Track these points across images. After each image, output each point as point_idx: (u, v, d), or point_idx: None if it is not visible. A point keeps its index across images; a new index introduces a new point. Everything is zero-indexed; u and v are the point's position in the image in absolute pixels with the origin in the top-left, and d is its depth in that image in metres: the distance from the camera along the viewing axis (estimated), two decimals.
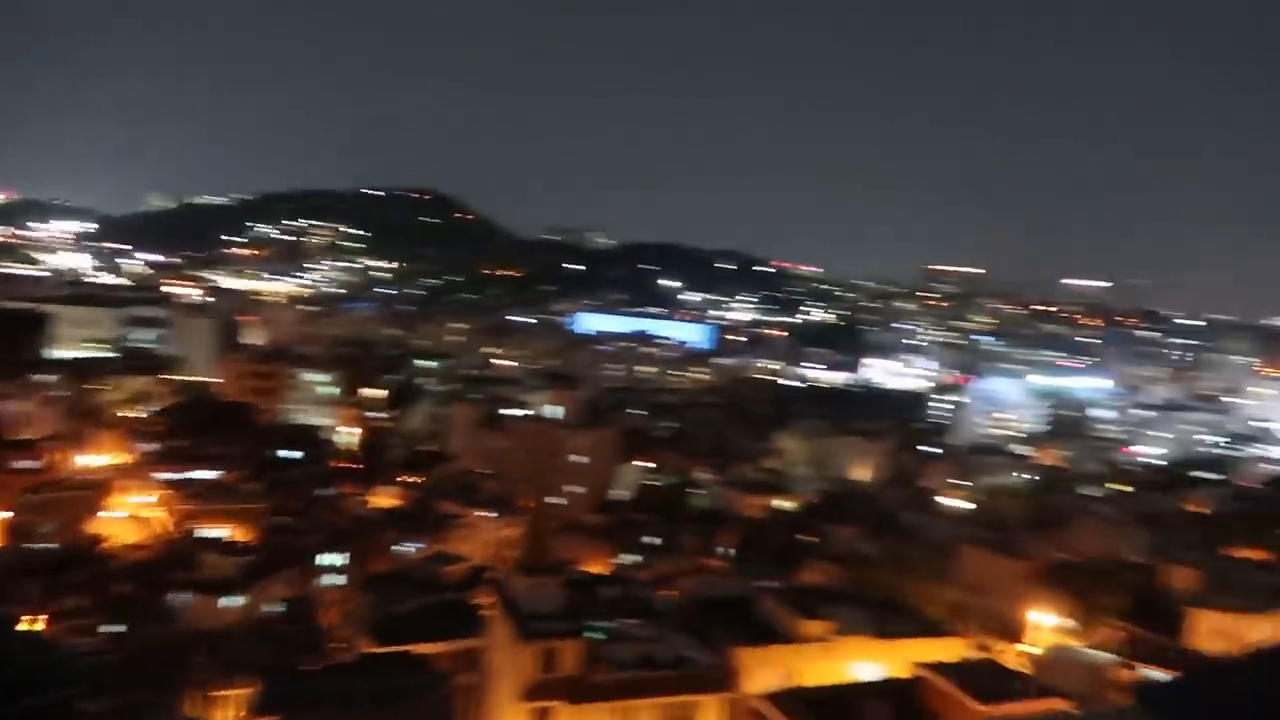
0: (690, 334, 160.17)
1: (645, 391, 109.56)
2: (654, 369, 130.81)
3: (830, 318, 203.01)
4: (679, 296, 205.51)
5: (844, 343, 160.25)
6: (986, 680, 26.66)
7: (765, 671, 28.21)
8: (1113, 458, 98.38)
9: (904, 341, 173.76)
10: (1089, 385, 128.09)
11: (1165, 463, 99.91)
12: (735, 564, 42.00)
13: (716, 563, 43.12)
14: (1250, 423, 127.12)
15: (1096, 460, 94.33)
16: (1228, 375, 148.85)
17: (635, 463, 66.11)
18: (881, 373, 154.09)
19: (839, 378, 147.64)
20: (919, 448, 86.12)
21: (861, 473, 75.93)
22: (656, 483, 61.47)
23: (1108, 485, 74.81)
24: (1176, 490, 69.05)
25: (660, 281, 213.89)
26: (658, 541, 45.89)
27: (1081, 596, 38.01)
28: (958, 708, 25.26)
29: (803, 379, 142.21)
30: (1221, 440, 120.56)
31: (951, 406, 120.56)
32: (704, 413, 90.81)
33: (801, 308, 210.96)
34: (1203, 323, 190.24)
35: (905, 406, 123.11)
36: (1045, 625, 37.82)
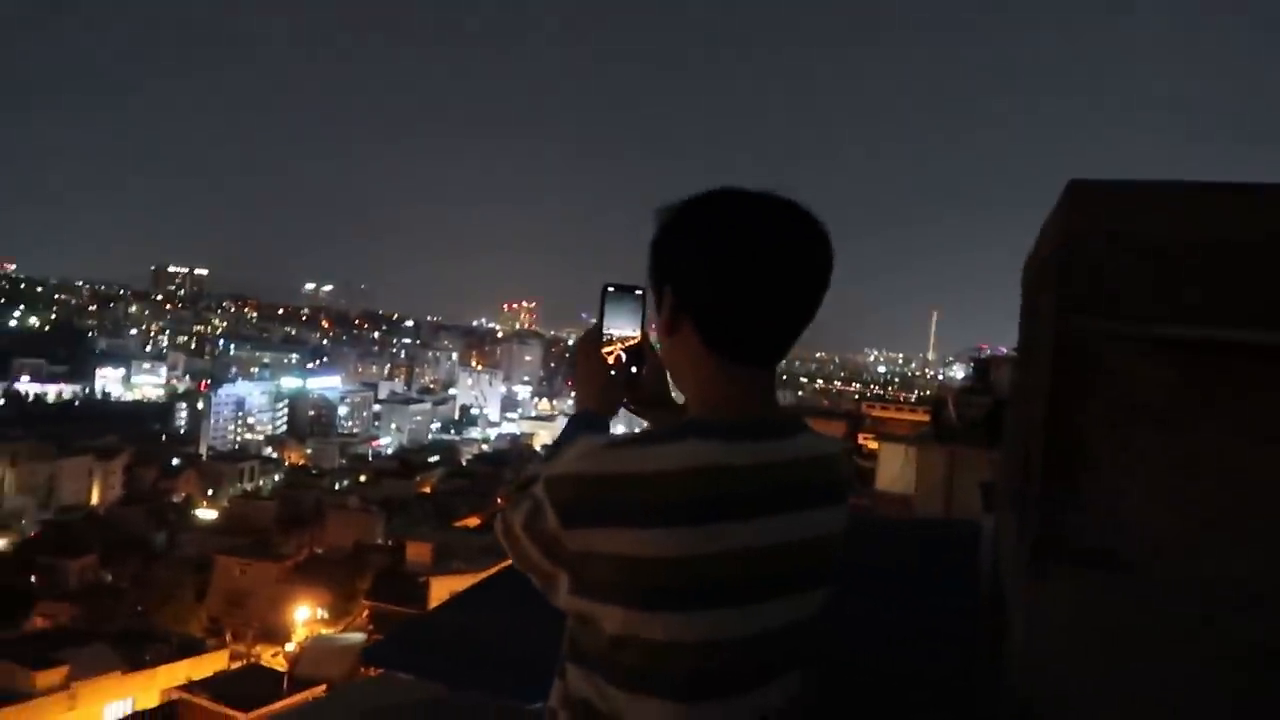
0: None
1: None
2: None
3: (40, 323, 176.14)
4: None
5: (63, 351, 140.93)
6: (247, 687, 27.11)
7: None
8: (353, 451, 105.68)
9: (138, 348, 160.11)
10: (325, 384, 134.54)
11: (398, 451, 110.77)
12: None
13: None
14: (472, 410, 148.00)
15: (339, 455, 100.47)
16: (443, 369, 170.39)
17: None
18: (114, 383, 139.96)
19: (60, 390, 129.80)
20: (164, 461, 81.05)
21: (97, 495, 68.67)
22: None
23: (352, 478, 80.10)
24: (409, 475, 77.29)
25: None
26: None
27: (336, 585, 40.53)
28: None
29: (14, 395, 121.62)
30: (442, 426, 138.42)
31: (194, 414, 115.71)
32: None
33: (3, 313, 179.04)
34: (412, 323, 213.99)
35: (144, 417, 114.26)
36: (305, 620, 39.40)
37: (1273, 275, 1.81)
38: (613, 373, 1.41)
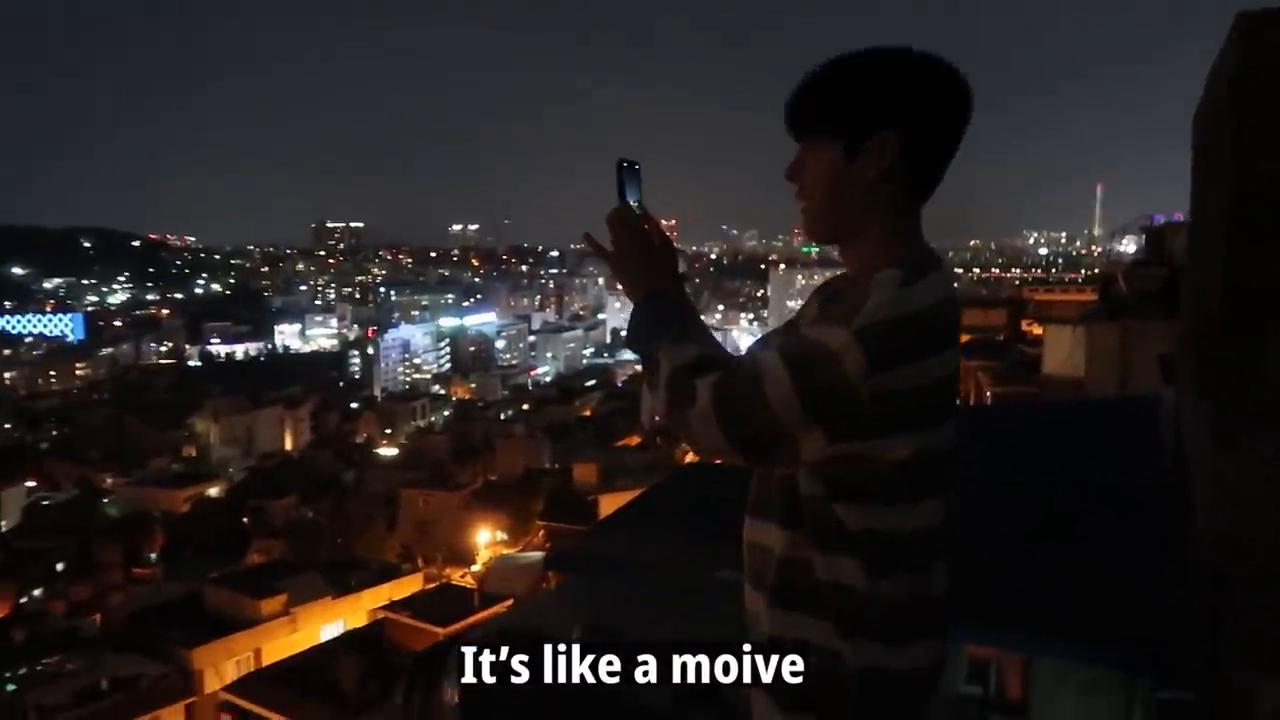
0: (58, 326, 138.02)
1: (12, 401, 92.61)
2: (17, 373, 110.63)
3: (222, 289, 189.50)
4: (34, 286, 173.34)
5: (245, 313, 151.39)
6: (443, 605, 29.02)
7: (229, 664, 27.35)
8: (514, 381, 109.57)
9: (308, 303, 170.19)
10: (481, 320, 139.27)
11: (555, 378, 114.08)
12: (170, 565, 38.75)
13: (146, 571, 39.37)
14: (622, 333, 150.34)
15: (501, 386, 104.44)
16: (590, 295, 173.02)
17: (16, 485, 56.22)
18: (291, 337, 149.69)
19: (247, 349, 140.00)
20: (343, 405, 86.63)
21: (289, 441, 74.30)
22: (48, 500, 53.27)
23: (515, 407, 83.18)
24: (569, 400, 79.60)
25: (4, 270, 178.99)
26: (60, 566, 40.10)
27: (511, 509, 42.57)
28: (422, 636, 27.13)
29: (207, 356, 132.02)
30: (595, 350, 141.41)
31: (365, 359, 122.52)
32: (95, 412, 79.96)
33: (189, 282, 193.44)
34: (556, 253, 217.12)
35: (321, 367, 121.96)
36: (487, 542, 41.69)
37: None
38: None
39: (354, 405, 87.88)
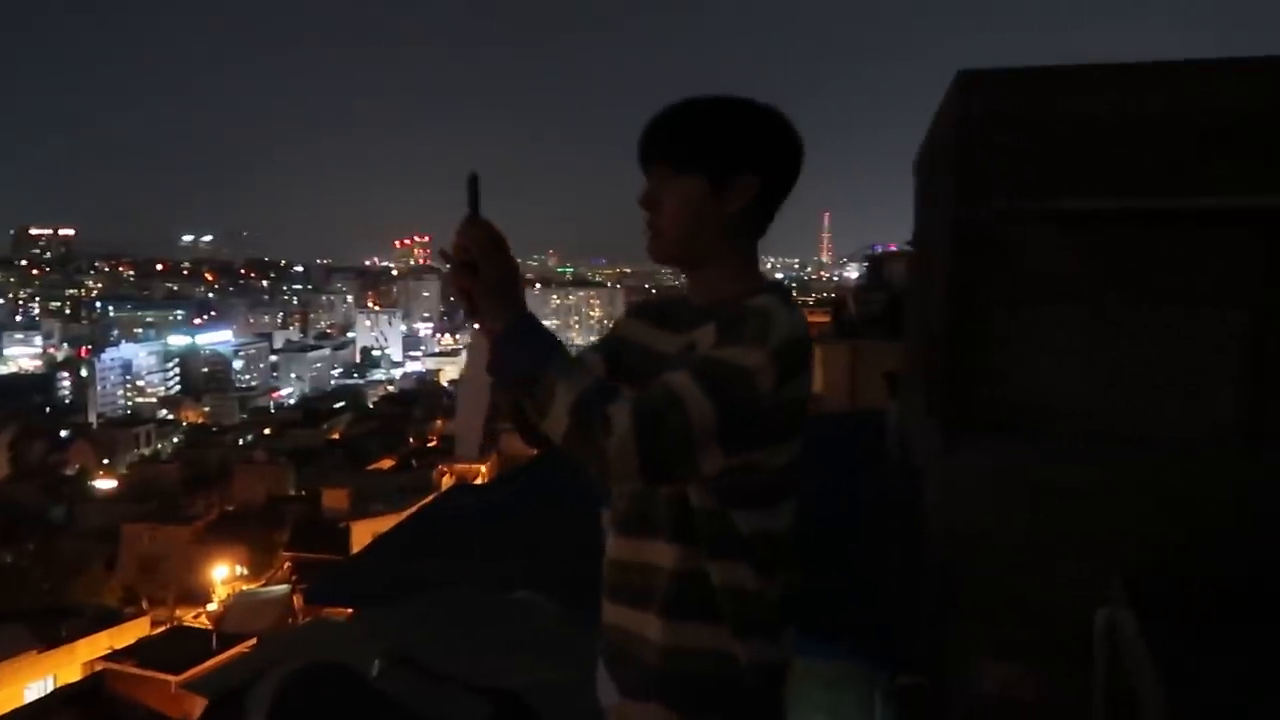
0: None
1: None
2: None
3: None
4: None
5: None
6: (175, 650, 26.65)
7: None
8: (254, 404, 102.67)
9: (7, 318, 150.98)
10: (216, 339, 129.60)
11: (300, 400, 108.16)
12: None
13: None
14: (374, 352, 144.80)
15: (238, 410, 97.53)
16: (339, 313, 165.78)
17: None
18: None
19: None
20: (51, 433, 77.41)
21: None
22: None
23: (255, 432, 78.05)
24: (316, 423, 75.66)
25: None
26: None
27: (252, 541, 39.80)
28: (152, 686, 24.80)
29: None
30: (344, 371, 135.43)
31: (78, 382, 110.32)
32: None
33: None
34: (301, 268, 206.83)
35: (23, 391, 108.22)
36: (224, 578, 38.73)
37: (1165, 144, 1.94)
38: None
39: (64, 433, 78.75)
